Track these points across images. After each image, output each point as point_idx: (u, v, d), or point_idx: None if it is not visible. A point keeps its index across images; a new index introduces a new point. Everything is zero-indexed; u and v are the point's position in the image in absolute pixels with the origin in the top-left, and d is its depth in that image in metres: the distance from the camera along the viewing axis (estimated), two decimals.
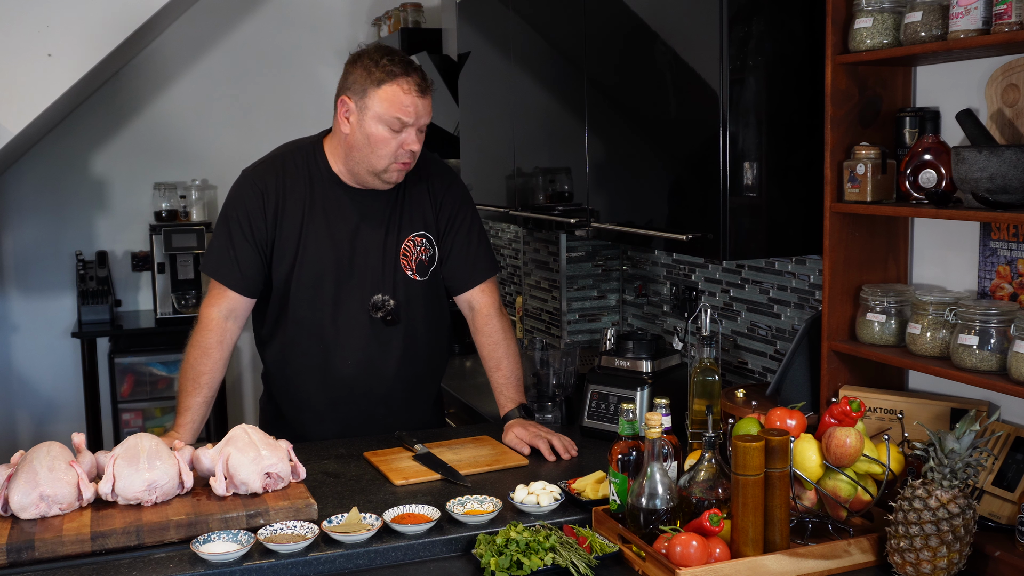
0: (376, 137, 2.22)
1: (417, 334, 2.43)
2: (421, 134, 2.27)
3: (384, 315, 2.36)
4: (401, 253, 2.39)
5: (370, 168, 2.27)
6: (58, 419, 4.70)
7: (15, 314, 4.62)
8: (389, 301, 2.36)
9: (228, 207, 2.36)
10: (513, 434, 2.33)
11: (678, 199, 2.25)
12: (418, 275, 2.41)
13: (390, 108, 2.20)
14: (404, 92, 2.20)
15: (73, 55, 3.40)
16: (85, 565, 1.73)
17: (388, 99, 2.20)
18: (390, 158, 2.25)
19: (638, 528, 1.75)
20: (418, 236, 2.41)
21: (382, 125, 2.22)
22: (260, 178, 2.34)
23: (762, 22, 2.06)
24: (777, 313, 2.58)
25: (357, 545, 1.79)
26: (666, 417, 1.90)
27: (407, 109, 2.21)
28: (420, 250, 2.40)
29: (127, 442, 1.96)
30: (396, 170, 2.28)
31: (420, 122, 2.24)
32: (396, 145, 2.23)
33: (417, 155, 2.29)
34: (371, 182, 2.31)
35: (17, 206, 4.55)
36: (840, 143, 1.99)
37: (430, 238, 2.42)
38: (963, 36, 1.71)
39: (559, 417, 2.57)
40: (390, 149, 2.24)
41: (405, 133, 2.23)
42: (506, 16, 3.07)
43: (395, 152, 2.24)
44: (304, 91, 4.85)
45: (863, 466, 1.72)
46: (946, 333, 1.86)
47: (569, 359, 2.59)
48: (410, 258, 2.38)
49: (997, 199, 1.69)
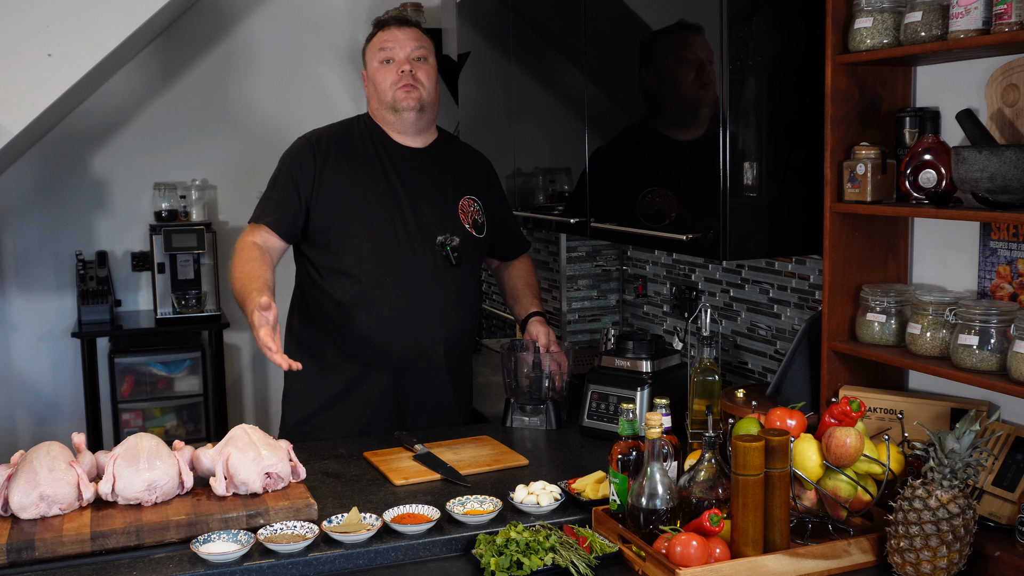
0: (377, 75, 2.52)
1: (472, 284, 2.61)
2: (421, 65, 2.52)
3: (451, 251, 2.50)
4: (459, 208, 2.57)
5: (385, 104, 2.52)
6: (58, 419, 4.70)
7: (15, 314, 4.62)
8: (453, 239, 2.52)
9: (280, 163, 2.55)
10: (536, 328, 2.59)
11: (678, 199, 2.25)
12: (475, 231, 2.59)
13: (376, 46, 2.53)
14: (384, 31, 2.54)
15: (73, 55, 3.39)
16: (85, 565, 1.73)
17: (375, 43, 2.55)
18: (392, 86, 2.50)
19: (638, 528, 1.75)
20: (472, 198, 2.62)
21: (376, 63, 2.53)
22: (312, 135, 2.57)
23: (762, 22, 2.06)
24: (777, 313, 2.58)
25: (357, 545, 1.79)
26: (666, 417, 1.90)
27: (388, 40, 2.51)
28: (473, 211, 2.61)
29: (127, 442, 1.96)
30: (402, 92, 2.49)
31: (406, 48, 2.50)
32: (392, 72, 2.50)
33: (425, 86, 2.51)
34: (394, 121, 2.53)
35: (17, 206, 4.55)
36: (840, 143, 1.99)
37: (480, 204, 2.63)
38: (963, 36, 1.71)
39: (545, 421, 2.54)
40: (389, 78, 2.50)
41: (396, 62, 2.50)
42: (506, 16, 3.07)
43: (394, 79, 2.49)
44: (304, 91, 4.85)
45: (863, 466, 1.72)
46: (946, 333, 1.86)
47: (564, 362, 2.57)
48: (467, 214, 2.58)
49: (997, 199, 1.69)
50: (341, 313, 2.48)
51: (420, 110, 2.50)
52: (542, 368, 2.53)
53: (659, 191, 2.32)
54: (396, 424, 2.51)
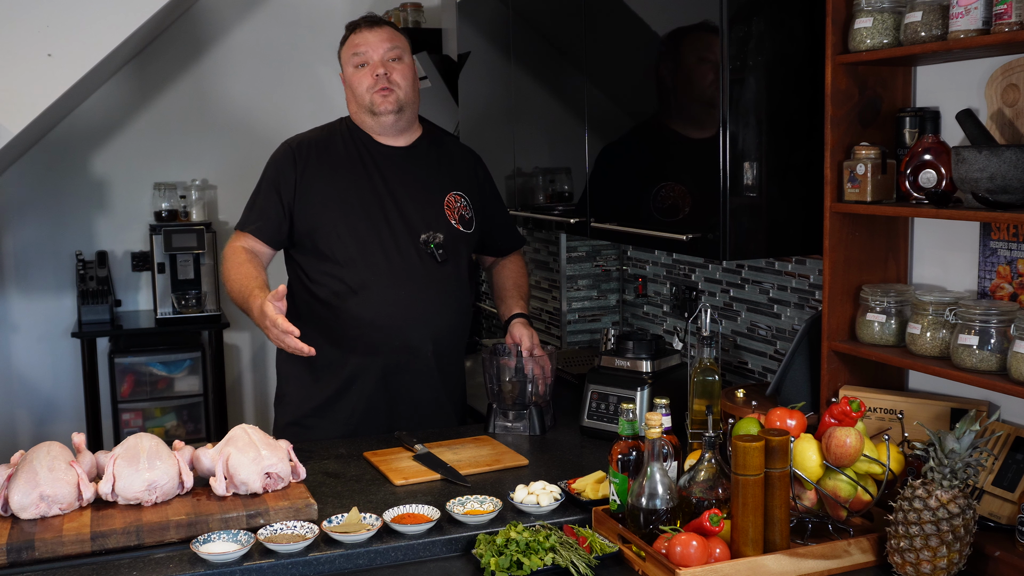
0: (352, 79, 2.53)
1: (461, 281, 2.58)
2: (395, 65, 2.51)
3: (435, 247, 2.49)
4: (445, 204, 2.55)
5: (362, 108, 2.52)
6: (58, 419, 4.70)
7: (15, 314, 4.62)
8: (437, 235, 2.50)
9: (264, 170, 2.56)
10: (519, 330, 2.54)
11: (678, 199, 2.25)
12: (462, 226, 2.57)
13: (349, 50, 2.53)
14: (356, 34, 2.53)
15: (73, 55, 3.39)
16: (85, 565, 1.73)
17: (348, 47, 2.54)
18: (368, 90, 2.49)
19: (638, 528, 1.75)
20: (458, 194, 2.60)
21: (350, 67, 2.53)
22: (295, 140, 2.57)
23: (762, 22, 2.06)
24: (777, 313, 2.58)
25: (357, 545, 1.79)
26: (666, 417, 1.90)
27: (359, 44, 2.50)
28: (460, 207, 2.59)
29: (127, 442, 1.96)
30: (380, 97, 2.48)
31: (378, 50, 2.49)
32: (367, 76, 2.50)
33: (400, 86, 2.50)
34: (372, 124, 2.53)
35: (17, 206, 4.55)
36: (840, 143, 1.99)
37: (468, 199, 2.61)
38: (963, 36, 1.71)
39: (528, 427, 2.46)
40: (365, 82, 2.50)
41: (370, 66, 2.49)
42: (506, 16, 3.07)
43: (370, 83, 2.49)
44: (304, 91, 4.85)
45: (863, 466, 1.72)
46: (946, 333, 1.86)
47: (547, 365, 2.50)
48: (453, 210, 2.56)
49: (997, 199, 1.69)
50: (330, 315, 2.49)
51: (399, 111, 2.50)
52: (525, 372, 2.47)
53: (659, 191, 2.32)
54: (388, 424, 2.51)
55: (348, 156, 2.53)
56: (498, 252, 2.78)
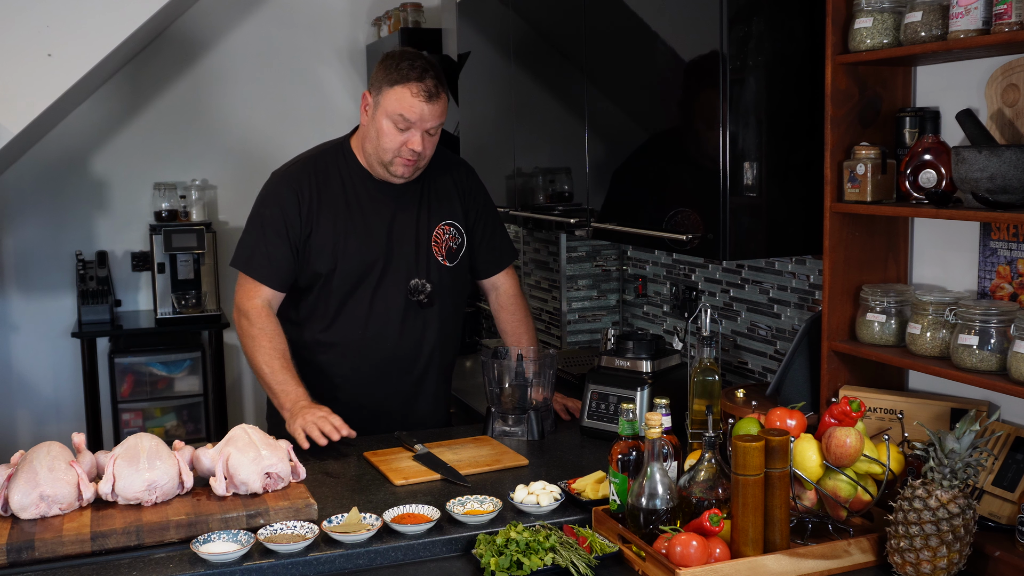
0: (383, 131, 2.38)
1: (447, 315, 2.57)
2: (430, 137, 2.40)
3: (422, 298, 2.47)
4: (432, 240, 2.52)
5: (379, 159, 2.42)
6: (58, 419, 4.70)
7: (15, 314, 4.62)
8: (426, 285, 2.49)
9: (262, 205, 2.47)
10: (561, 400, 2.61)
11: (678, 199, 2.25)
12: (448, 261, 2.54)
13: (397, 107, 2.35)
14: (412, 95, 2.34)
15: (73, 55, 3.40)
16: (85, 565, 1.73)
17: (397, 99, 2.35)
18: (394, 153, 2.39)
19: (638, 528, 1.75)
20: (447, 224, 2.55)
21: (389, 121, 2.37)
22: (294, 179, 2.46)
23: (762, 22, 2.06)
24: (777, 313, 2.58)
25: (357, 545, 1.79)
26: (666, 417, 1.90)
27: (412, 111, 2.34)
28: (448, 238, 2.54)
29: (127, 442, 1.96)
30: (401, 165, 2.40)
31: (425, 124, 2.37)
32: (400, 142, 2.37)
33: (424, 156, 2.41)
34: (382, 173, 2.45)
35: (17, 206, 4.55)
36: (840, 143, 1.99)
37: (458, 226, 2.57)
38: (963, 36, 1.71)
39: (527, 431, 2.43)
40: (395, 144, 2.38)
41: (409, 133, 2.36)
42: (506, 16, 3.07)
43: (399, 148, 2.38)
44: (304, 91, 4.84)
45: (863, 466, 1.72)
46: (946, 333, 1.86)
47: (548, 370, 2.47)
48: (440, 245, 2.53)
49: (997, 199, 1.69)
50: (311, 356, 2.51)
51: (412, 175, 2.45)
52: (525, 376, 2.46)
53: (659, 191, 2.32)
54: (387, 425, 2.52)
55: (345, 196, 2.46)
56: (490, 268, 2.67)
